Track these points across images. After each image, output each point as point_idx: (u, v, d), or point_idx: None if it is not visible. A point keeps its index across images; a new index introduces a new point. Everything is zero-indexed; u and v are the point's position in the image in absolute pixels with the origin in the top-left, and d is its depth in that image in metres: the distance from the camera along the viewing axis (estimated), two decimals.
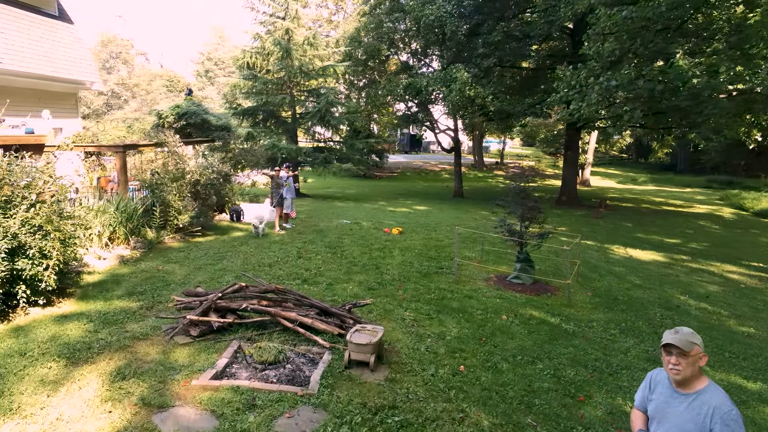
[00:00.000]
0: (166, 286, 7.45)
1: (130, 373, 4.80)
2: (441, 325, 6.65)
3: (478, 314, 7.14)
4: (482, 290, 8.35)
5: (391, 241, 11.72)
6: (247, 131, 19.77)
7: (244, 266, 8.86)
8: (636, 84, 11.09)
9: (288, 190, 12.64)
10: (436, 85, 20.85)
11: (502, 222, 8.98)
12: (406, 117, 27.26)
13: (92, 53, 46.60)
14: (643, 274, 10.87)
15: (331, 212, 16.26)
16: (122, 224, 9.14)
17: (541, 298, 8.26)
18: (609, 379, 5.46)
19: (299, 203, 18.60)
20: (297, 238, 11.57)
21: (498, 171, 41.43)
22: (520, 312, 7.39)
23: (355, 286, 8.07)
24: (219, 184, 11.51)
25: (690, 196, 30.92)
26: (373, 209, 18.05)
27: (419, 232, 13.15)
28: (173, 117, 13.59)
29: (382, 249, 10.81)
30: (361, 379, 4.94)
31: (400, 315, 6.87)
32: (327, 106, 19.96)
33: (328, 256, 9.98)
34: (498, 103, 20.61)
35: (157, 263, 8.73)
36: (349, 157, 22.71)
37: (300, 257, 9.75)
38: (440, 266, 9.71)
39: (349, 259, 9.78)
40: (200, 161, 11.01)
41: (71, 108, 15.28)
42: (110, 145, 11.55)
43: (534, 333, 6.60)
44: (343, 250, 10.54)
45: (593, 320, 7.35)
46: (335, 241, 11.36)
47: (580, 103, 13.22)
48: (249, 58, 20.42)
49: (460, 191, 25.76)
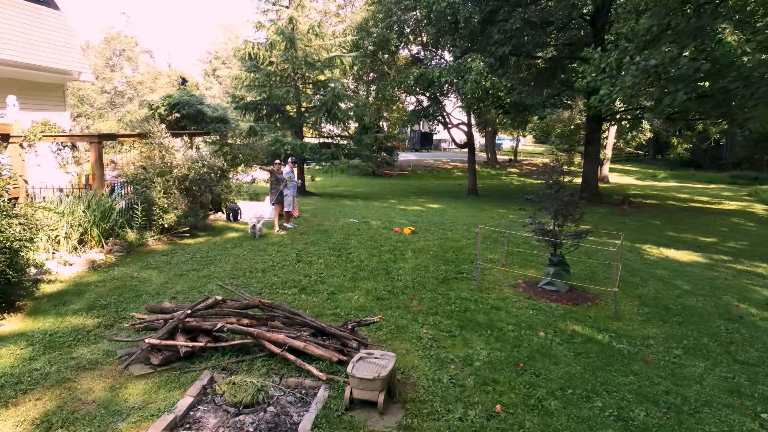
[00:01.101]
0: (135, 298, 6.28)
1: (60, 421, 3.62)
2: (466, 345, 5.41)
3: (510, 330, 5.89)
4: (511, 299, 7.10)
5: (403, 242, 10.49)
6: (249, 126, 18.63)
7: (233, 272, 7.68)
8: (679, 63, 9.76)
9: (289, 187, 11.47)
10: (449, 75, 19.55)
11: (532, 220, 7.71)
12: (417, 112, 25.98)
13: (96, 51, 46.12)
14: (689, 278, 9.53)
15: (338, 211, 15.08)
16: (95, 225, 7.98)
17: (580, 308, 6.98)
18: (690, 421, 4.19)
19: (304, 202, 17.43)
20: (298, 239, 10.38)
21: (512, 168, 40.04)
22: (559, 327, 6.13)
23: (361, 296, 6.86)
24: (211, 180, 10.33)
25: (715, 193, 29.45)
26: (383, 208, 16.84)
27: (433, 231, 11.91)
28: (164, 108, 12.48)
29: (392, 251, 9.58)
30: (367, 426, 3.72)
31: (416, 333, 5.64)
32: (334, 99, 18.75)
33: (332, 259, 8.77)
34: (515, 95, 19.31)
35: (132, 269, 7.58)
36: (358, 153, 21.49)
37: (299, 261, 8.55)
38: (459, 270, 8.45)
39: (356, 263, 8.56)
40: (189, 153, 9.85)
41: (58, 100, 14.23)
42: (84, 134, 10.42)
43: (582, 355, 5.34)
44: (349, 252, 9.32)
45: (649, 337, 6.06)
46: (340, 242, 10.15)
47: (610, 88, 11.90)
48: (251, 48, 19.27)
49: (474, 189, 24.45)
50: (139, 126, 9.87)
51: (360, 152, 21.54)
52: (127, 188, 9.81)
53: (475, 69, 17.96)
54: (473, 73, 17.92)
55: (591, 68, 12.96)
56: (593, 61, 12.69)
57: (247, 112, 20.49)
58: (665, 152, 50.66)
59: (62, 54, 13.57)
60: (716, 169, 41.91)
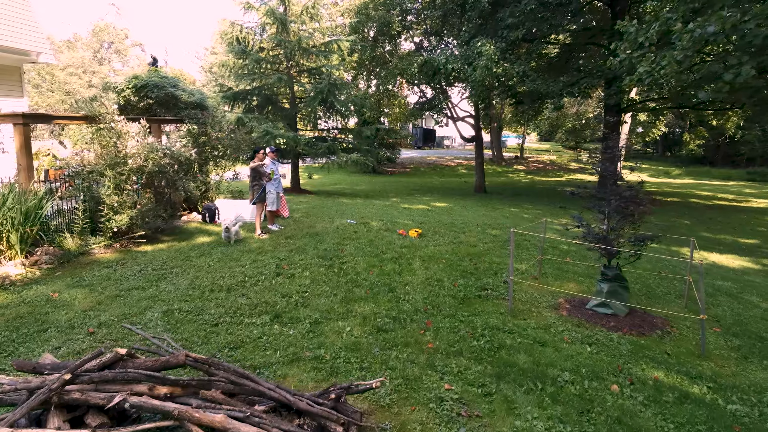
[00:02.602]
0: (38, 334, 4.50)
1: None
2: (511, 411, 3.62)
3: (569, 382, 4.10)
4: (557, 328, 5.30)
5: (409, 247, 8.70)
6: (237, 117, 16.84)
7: (188, 292, 5.89)
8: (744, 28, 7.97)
9: (273, 182, 9.71)
10: (456, 62, 17.75)
11: (579, 220, 5.91)
12: (421, 104, 24.10)
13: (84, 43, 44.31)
14: (759, 291, 7.73)
15: (334, 210, 13.28)
16: (14, 228, 6.19)
17: (651, 340, 5.18)
18: None
19: (297, 201, 15.65)
20: (282, 244, 8.58)
21: (518, 166, 38.24)
22: (635, 374, 4.34)
23: (356, 326, 5.07)
24: (174, 173, 8.53)
25: (737, 190, 27.86)
26: (384, 207, 15.03)
27: (444, 234, 10.11)
28: (130, 91, 10.72)
29: (397, 259, 7.79)
30: None
31: (434, 389, 3.85)
32: (330, 86, 16.90)
33: (321, 271, 6.97)
34: (529, 82, 17.51)
35: (56, 288, 5.79)
36: (357, 148, 19.67)
37: (279, 274, 6.75)
38: (482, 286, 6.65)
39: (350, 276, 6.76)
40: (148, 141, 8.06)
41: (14, 85, 12.46)
42: (5, 114, 8.60)
43: (685, 427, 3.55)
44: (342, 261, 7.52)
45: (764, 389, 4.27)
46: (333, 248, 8.35)
47: (651, 65, 10.10)
48: (239, 32, 17.48)
49: (482, 186, 22.64)
50: (85, 107, 8.07)
51: (359, 146, 19.73)
52: (70, 182, 8.01)
53: (485, 53, 16.17)
54: (483, 58, 16.14)
55: (626, 44, 11.14)
56: (628, 35, 10.87)
57: (236, 102, 18.67)
58: (675, 149, 48.91)
59: (17, 31, 11.79)
60: (730, 165, 40.24)
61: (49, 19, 75.78)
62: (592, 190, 5.89)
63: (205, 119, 11.04)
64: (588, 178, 33.63)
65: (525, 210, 16.85)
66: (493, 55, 16.05)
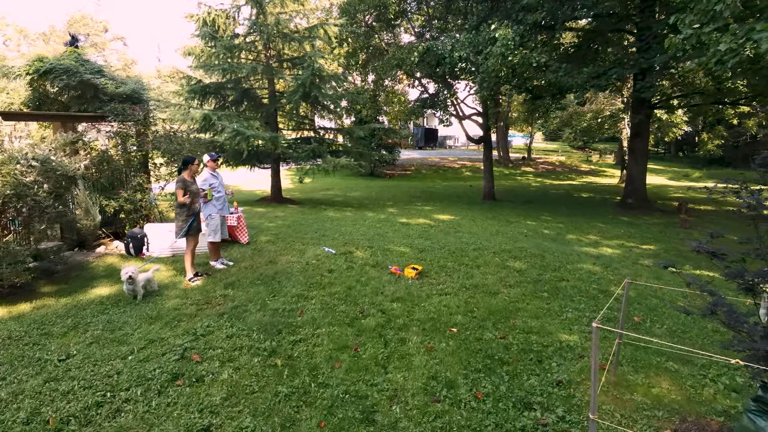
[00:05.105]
0: None
1: None
2: None
3: None
4: None
5: (403, 299, 5.96)
6: (203, 114, 14.12)
7: None
8: None
9: (214, 204, 6.99)
10: (464, 50, 15.00)
11: (739, 274, 3.17)
12: (423, 101, 21.29)
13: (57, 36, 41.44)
14: None
15: (313, 230, 10.55)
16: None
17: None
18: None
19: (273, 215, 12.90)
20: (215, 300, 5.83)
21: (526, 167, 35.48)
22: None
23: None
24: (43, 199, 5.73)
25: None
26: (378, 223, 12.29)
27: (452, 271, 7.37)
28: (30, 77, 8.01)
29: (381, 329, 5.05)
30: None
31: None
32: (312, 77, 14.12)
33: (253, 367, 4.21)
34: (551, 74, 14.78)
35: None
36: (347, 150, 16.92)
37: (177, 376, 4.01)
38: (526, 399, 3.88)
39: (300, 380, 4.01)
40: (5, 147, 5.35)
41: None
42: None
43: None
44: (295, 339, 4.77)
45: None
46: (290, 308, 5.60)
47: (738, 41, 7.40)
48: (206, 14, 14.75)
49: (491, 193, 19.86)
50: None
51: (350, 148, 16.97)
52: None
53: (500, 39, 13.44)
54: (498, 45, 13.41)
55: (690, 16, 8.40)
56: (697, 4, 8.14)
57: (206, 97, 15.93)
58: (690, 149, 46.05)
59: None
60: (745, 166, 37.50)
61: (26, 11, 73.23)
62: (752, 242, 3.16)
63: (136, 115, 8.31)
64: (601, 181, 30.90)
65: (544, 223, 14.12)
66: (510, 41, 13.31)
